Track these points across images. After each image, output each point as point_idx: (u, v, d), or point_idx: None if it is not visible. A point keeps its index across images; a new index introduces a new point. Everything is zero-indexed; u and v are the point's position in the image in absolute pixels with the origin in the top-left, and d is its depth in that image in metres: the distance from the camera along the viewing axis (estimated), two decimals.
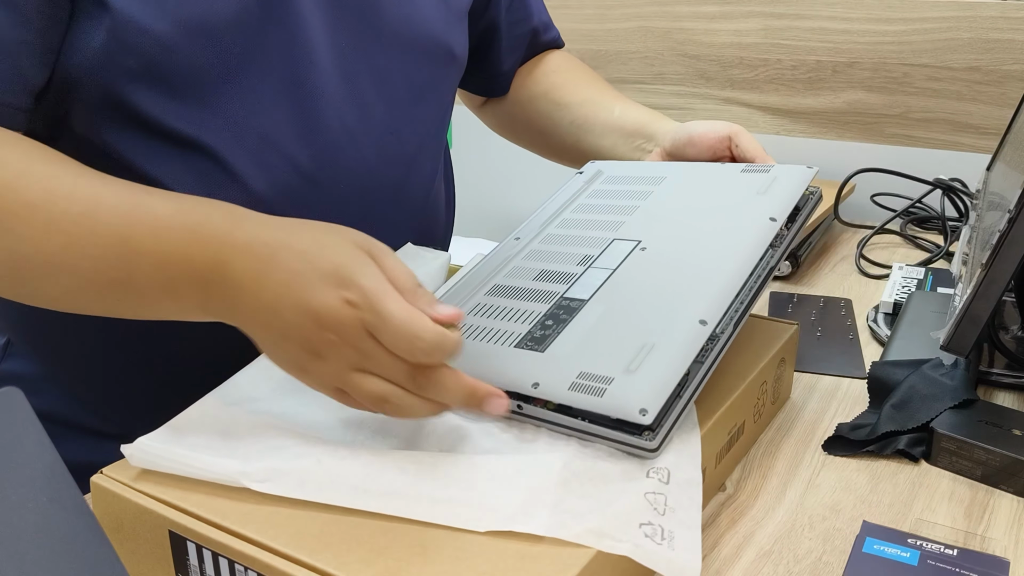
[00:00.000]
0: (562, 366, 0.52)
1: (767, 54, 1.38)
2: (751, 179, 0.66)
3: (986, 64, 1.24)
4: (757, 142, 0.75)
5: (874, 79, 1.31)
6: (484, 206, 1.62)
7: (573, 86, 0.91)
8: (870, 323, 0.89)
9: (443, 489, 0.46)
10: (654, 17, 1.45)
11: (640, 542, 0.44)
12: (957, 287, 0.77)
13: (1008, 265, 0.62)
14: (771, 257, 0.59)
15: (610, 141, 0.85)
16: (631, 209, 0.67)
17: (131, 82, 0.59)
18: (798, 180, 0.64)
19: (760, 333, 0.68)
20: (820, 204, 0.65)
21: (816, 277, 1.05)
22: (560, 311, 0.57)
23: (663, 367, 0.50)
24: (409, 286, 0.49)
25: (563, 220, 0.70)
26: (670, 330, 0.53)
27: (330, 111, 0.68)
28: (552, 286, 0.61)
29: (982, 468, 0.61)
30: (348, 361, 0.48)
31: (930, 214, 1.21)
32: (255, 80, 0.63)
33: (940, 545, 0.54)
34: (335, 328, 0.47)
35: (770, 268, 0.58)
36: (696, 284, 0.56)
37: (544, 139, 0.92)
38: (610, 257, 0.62)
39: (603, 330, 0.54)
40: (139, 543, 0.48)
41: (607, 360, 0.52)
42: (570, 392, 0.50)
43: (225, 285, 0.51)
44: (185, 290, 0.52)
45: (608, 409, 0.49)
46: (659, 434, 0.48)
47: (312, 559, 0.42)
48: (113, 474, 0.49)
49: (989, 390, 0.75)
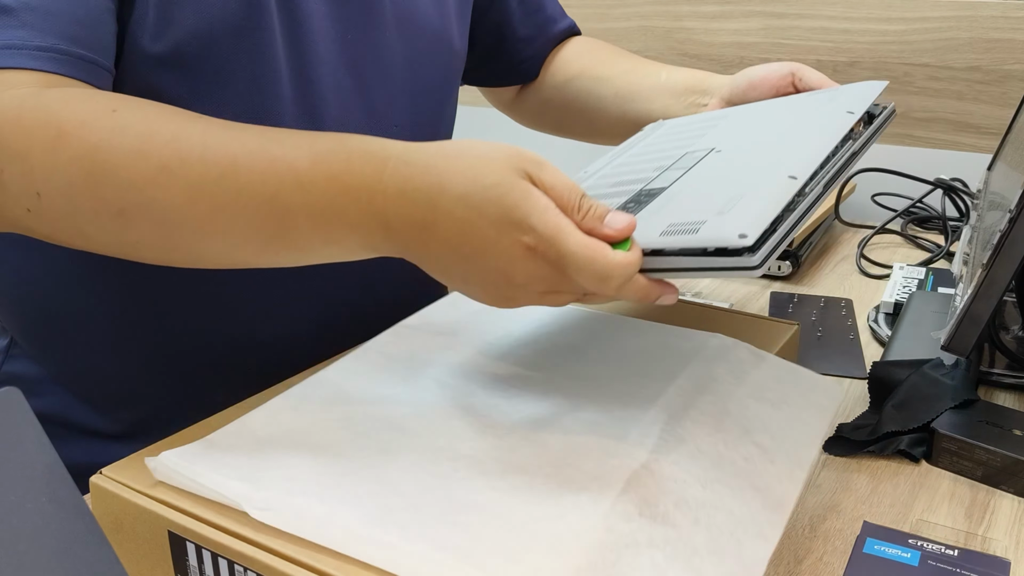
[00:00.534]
0: (651, 221, 0.50)
1: (768, 54, 1.38)
2: (819, 96, 0.66)
3: (987, 64, 1.24)
4: (822, 75, 0.73)
5: (875, 78, 1.31)
6: None
7: (611, 60, 0.89)
8: (871, 323, 0.89)
9: (437, 551, 0.42)
10: (654, 16, 1.45)
11: None
12: (958, 287, 0.77)
13: (1009, 265, 0.62)
14: (852, 145, 0.57)
15: (661, 104, 0.82)
16: (700, 135, 0.65)
17: (156, 68, 0.60)
18: (870, 87, 0.64)
19: (761, 333, 0.68)
20: (894, 117, 0.64)
21: (817, 277, 1.05)
22: (642, 196, 0.55)
23: (754, 206, 0.47)
24: (574, 201, 0.47)
25: (633, 153, 0.68)
26: (759, 183, 0.50)
27: (336, 104, 0.68)
28: (630, 186, 0.58)
29: (983, 468, 0.61)
30: (539, 291, 0.48)
31: (931, 214, 1.21)
32: (262, 73, 0.64)
33: (941, 546, 0.53)
34: (523, 275, 0.47)
35: (852, 152, 0.56)
36: (782, 151, 0.54)
37: (587, 118, 0.90)
38: (684, 161, 0.59)
39: (689, 197, 0.52)
40: (138, 543, 0.48)
41: (697, 209, 0.49)
42: (662, 237, 0.48)
43: (389, 234, 0.49)
44: (347, 240, 0.51)
45: (705, 242, 0.46)
46: (761, 251, 0.45)
47: (312, 559, 0.42)
48: (112, 474, 0.49)
49: (990, 390, 0.75)
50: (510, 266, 0.47)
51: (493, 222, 0.46)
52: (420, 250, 0.49)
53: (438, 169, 0.48)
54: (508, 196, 0.46)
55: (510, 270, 0.47)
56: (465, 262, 0.48)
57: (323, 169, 0.49)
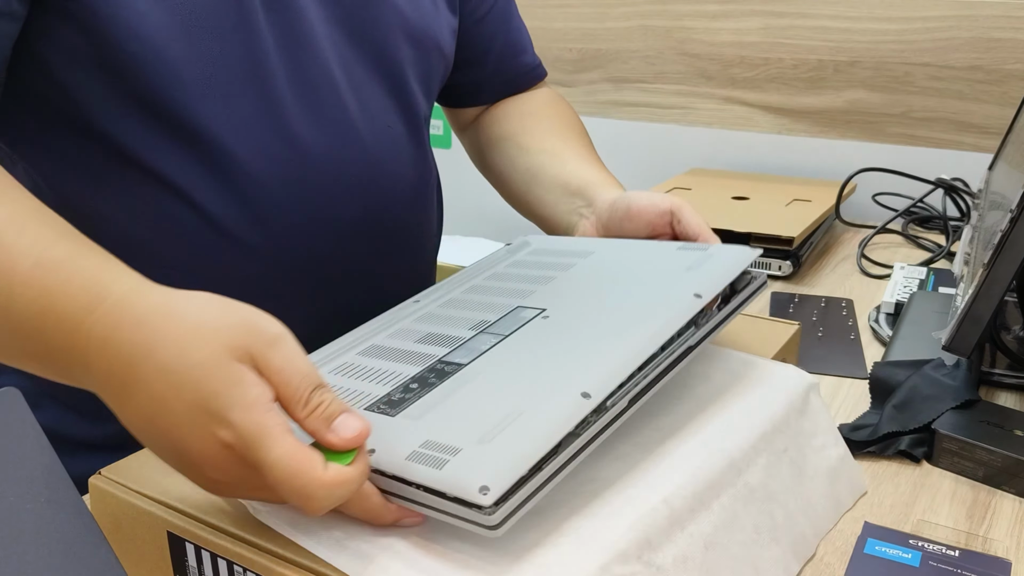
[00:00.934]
0: (409, 433, 0.45)
1: (768, 53, 1.38)
2: (684, 256, 0.59)
3: (988, 63, 1.23)
4: (701, 218, 0.68)
5: (875, 78, 1.31)
6: (484, 206, 1.62)
7: (541, 132, 0.86)
8: (871, 323, 0.89)
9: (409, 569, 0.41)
10: (655, 16, 1.45)
11: None
12: (959, 287, 0.76)
13: (1010, 265, 0.62)
14: (691, 335, 0.52)
15: (553, 197, 0.79)
16: (546, 280, 0.61)
17: (135, 74, 0.59)
18: (735, 259, 0.58)
19: (761, 333, 0.68)
20: (764, 288, 0.59)
21: (817, 277, 1.05)
22: (431, 374, 0.50)
23: (523, 439, 0.42)
24: (302, 394, 0.41)
25: (472, 287, 0.64)
26: (545, 400, 0.44)
27: (331, 101, 0.68)
28: (433, 349, 0.54)
29: (984, 469, 0.61)
30: (242, 489, 0.43)
31: (932, 214, 1.21)
32: (256, 72, 0.64)
33: (942, 546, 0.53)
34: (214, 470, 0.41)
35: (688, 347, 0.51)
36: (591, 356, 0.48)
37: (501, 182, 0.88)
38: (507, 324, 0.55)
39: (470, 397, 0.47)
40: (137, 544, 0.48)
41: (462, 429, 0.44)
42: (407, 462, 0.42)
43: (88, 376, 0.45)
44: (48, 363, 0.46)
45: (445, 484, 0.40)
46: (503, 510, 0.39)
47: (311, 560, 0.42)
48: (111, 475, 0.49)
49: (991, 390, 0.75)
50: (202, 460, 0.41)
51: (188, 407, 0.40)
52: (117, 407, 0.44)
53: (150, 328, 0.42)
54: (209, 381, 0.40)
55: (202, 464, 0.41)
56: (159, 439, 0.42)
57: (39, 279, 0.45)
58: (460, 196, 1.39)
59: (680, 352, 0.50)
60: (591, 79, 1.54)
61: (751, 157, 1.43)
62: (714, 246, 0.62)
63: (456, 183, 1.03)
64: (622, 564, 0.41)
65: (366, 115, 0.71)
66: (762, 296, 0.98)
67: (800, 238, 1.03)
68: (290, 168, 0.66)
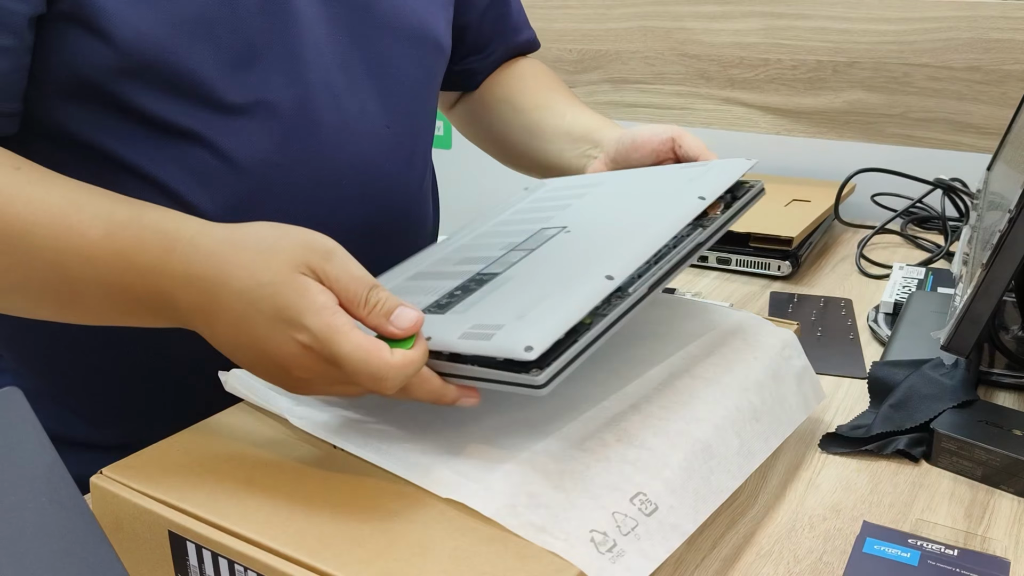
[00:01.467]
0: (458, 323, 0.51)
1: (767, 54, 1.38)
2: (688, 171, 0.66)
3: (987, 64, 1.24)
4: (700, 141, 0.74)
5: (874, 79, 1.31)
6: (484, 206, 1.62)
7: (532, 92, 0.90)
8: (870, 323, 0.89)
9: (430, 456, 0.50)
10: (654, 17, 1.45)
11: (579, 545, 0.43)
12: (957, 287, 0.77)
13: (1009, 265, 0.62)
14: (699, 234, 0.58)
15: (557, 147, 0.84)
16: (564, 207, 0.67)
17: (129, 80, 0.59)
18: (732, 168, 0.64)
19: None
20: (762, 196, 0.64)
21: (816, 277, 1.05)
22: (471, 283, 0.57)
23: (557, 311, 0.48)
24: (359, 295, 0.47)
25: (498, 221, 0.70)
26: (574, 283, 0.51)
27: (329, 104, 0.68)
28: (470, 267, 0.60)
29: (982, 468, 0.61)
30: (325, 383, 0.49)
31: (930, 214, 1.21)
32: (254, 75, 0.63)
33: (940, 545, 0.53)
34: (299, 368, 0.47)
35: (697, 243, 0.57)
36: (611, 248, 0.55)
37: (499, 145, 0.93)
38: (533, 241, 0.61)
39: (507, 292, 0.53)
40: (139, 543, 0.48)
41: (503, 311, 0.50)
42: (460, 340, 0.48)
43: (178, 313, 0.51)
44: (139, 313, 0.52)
45: (494, 350, 0.47)
46: (547, 371, 0.45)
47: (312, 559, 0.42)
48: (112, 474, 0.49)
49: (989, 390, 0.75)
50: (288, 361, 0.47)
51: (268, 319, 0.47)
52: (207, 331, 0.50)
53: (221, 258, 0.49)
54: (281, 294, 0.46)
55: (288, 365, 0.48)
56: (248, 351, 0.49)
57: (113, 244, 0.51)
58: (460, 196, 1.39)
59: (691, 248, 0.56)
60: (591, 79, 1.54)
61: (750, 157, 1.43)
62: (712, 161, 0.68)
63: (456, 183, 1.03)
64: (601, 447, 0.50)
65: (364, 117, 0.71)
66: (761, 296, 0.98)
67: (799, 238, 1.03)
68: (284, 171, 0.66)
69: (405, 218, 0.77)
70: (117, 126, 0.61)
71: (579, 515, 0.45)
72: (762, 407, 0.59)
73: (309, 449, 0.52)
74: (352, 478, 0.49)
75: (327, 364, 0.46)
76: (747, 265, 1.04)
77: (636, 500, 0.47)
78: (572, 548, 0.42)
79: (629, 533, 0.45)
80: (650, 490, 0.48)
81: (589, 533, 0.44)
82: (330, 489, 0.48)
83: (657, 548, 0.45)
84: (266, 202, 0.66)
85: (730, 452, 0.54)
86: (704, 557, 0.54)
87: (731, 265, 1.05)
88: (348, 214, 0.70)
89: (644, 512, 0.46)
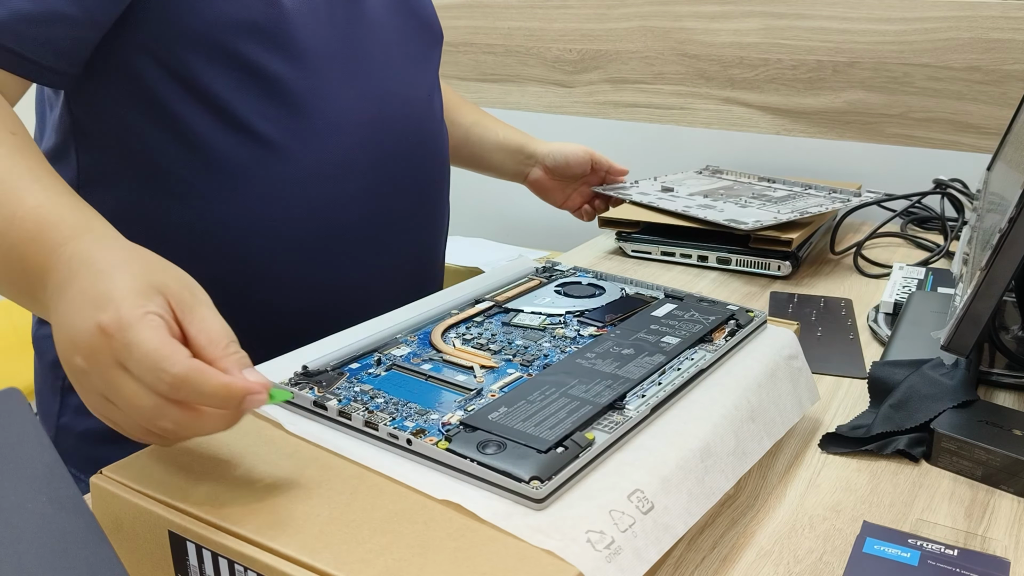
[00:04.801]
0: None
1: (767, 54, 1.38)
2: None
3: (986, 64, 1.24)
4: (610, 161, 1.14)
5: (874, 79, 1.31)
6: (484, 206, 1.62)
7: (462, 113, 1.12)
8: (870, 323, 0.89)
9: None
10: (654, 17, 1.45)
11: (575, 545, 0.43)
12: (957, 287, 0.77)
13: (1009, 265, 0.62)
14: (701, 358, 0.60)
15: (499, 157, 1.12)
16: None
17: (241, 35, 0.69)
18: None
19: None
20: (764, 328, 0.68)
21: (816, 277, 1.05)
22: None
23: None
24: (224, 337, 0.44)
25: None
26: None
27: (382, 81, 0.79)
28: None
29: (982, 468, 0.61)
30: (95, 387, 0.45)
31: (930, 214, 1.21)
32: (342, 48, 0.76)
33: (940, 545, 0.53)
34: (84, 353, 0.44)
35: (700, 368, 0.59)
36: None
37: None
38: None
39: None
40: (139, 543, 0.48)
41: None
42: None
43: (46, 293, 0.50)
44: (21, 282, 0.53)
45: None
46: (549, 485, 0.45)
47: (312, 559, 0.42)
48: (112, 474, 0.49)
49: (989, 390, 0.75)
50: (78, 338, 0.44)
51: (93, 299, 0.44)
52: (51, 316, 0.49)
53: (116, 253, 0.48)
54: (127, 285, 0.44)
55: (77, 342, 0.44)
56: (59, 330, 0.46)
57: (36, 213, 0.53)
58: (460, 196, 1.38)
59: (693, 372, 0.58)
60: (591, 80, 1.54)
61: (750, 157, 1.44)
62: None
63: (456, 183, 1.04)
64: None
65: (418, 87, 0.83)
66: (761, 296, 0.98)
67: (799, 239, 1.03)
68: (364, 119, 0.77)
69: (440, 182, 0.88)
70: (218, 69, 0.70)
71: (576, 514, 0.45)
72: (759, 407, 0.59)
73: (309, 450, 0.52)
74: (352, 478, 0.49)
75: (111, 361, 0.43)
76: (747, 265, 1.05)
77: (634, 497, 0.47)
78: (567, 548, 0.43)
79: (627, 530, 0.45)
80: (648, 488, 0.48)
81: (586, 533, 0.44)
82: (330, 489, 0.48)
83: (650, 548, 0.46)
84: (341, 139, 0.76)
85: (726, 452, 0.54)
86: (704, 557, 0.54)
87: (731, 265, 1.05)
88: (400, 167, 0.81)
89: (641, 510, 0.47)
